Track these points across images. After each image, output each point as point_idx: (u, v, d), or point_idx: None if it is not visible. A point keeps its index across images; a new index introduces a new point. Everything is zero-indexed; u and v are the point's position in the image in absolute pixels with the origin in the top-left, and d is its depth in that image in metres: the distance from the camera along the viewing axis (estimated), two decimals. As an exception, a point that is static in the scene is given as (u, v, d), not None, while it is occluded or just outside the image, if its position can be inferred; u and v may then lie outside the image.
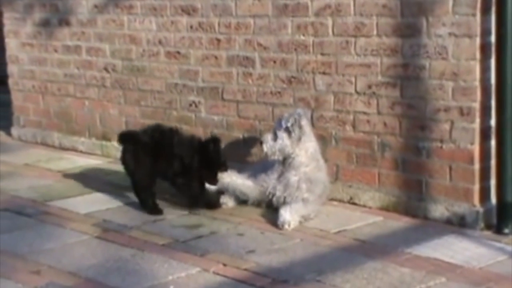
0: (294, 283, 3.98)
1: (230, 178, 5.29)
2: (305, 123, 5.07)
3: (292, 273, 4.12)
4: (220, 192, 5.37)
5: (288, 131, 5.01)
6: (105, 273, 4.21)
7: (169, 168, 5.27)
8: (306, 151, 5.07)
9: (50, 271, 4.26)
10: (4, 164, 6.80)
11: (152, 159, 5.27)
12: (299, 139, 5.03)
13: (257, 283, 4.00)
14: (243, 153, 5.90)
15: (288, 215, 4.88)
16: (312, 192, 5.02)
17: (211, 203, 5.31)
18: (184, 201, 5.34)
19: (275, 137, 5.08)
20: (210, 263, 4.31)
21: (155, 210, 5.25)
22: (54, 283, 4.08)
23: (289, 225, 4.86)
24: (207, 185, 5.33)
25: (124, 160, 5.41)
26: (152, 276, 4.14)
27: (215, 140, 5.30)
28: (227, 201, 5.32)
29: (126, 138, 5.47)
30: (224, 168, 5.27)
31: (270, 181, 5.16)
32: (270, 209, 5.14)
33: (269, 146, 5.10)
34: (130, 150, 5.35)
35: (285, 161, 5.10)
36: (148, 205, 5.28)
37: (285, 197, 5.05)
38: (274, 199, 5.12)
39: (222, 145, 5.63)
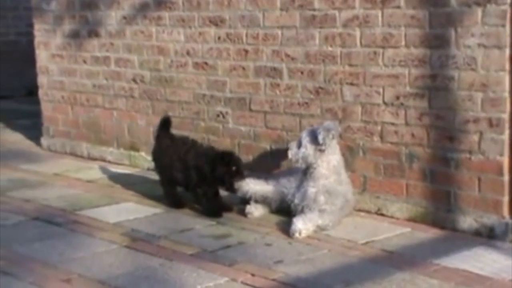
0: (322, 294, 3.99)
1: (248, 186, 5.32)
2: (335, 137, 5.08)
3: (320, 284, 4.12)
4: (246, 202, 5.39)
5: (316, 142, 5.03)
6: (134, 282, 4.23)
7: (188, 177, 5.46)
8: (328, 163, 5.07)
9: (80, 280, 4.29)
10: (34, 173, 6.87)
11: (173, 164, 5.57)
12: (321, 151, 5.04)
13: (285, 293, 4.02)
14: (270, 164, 5.91)
15: (301, 224, 4.89)
16: (331, 204, 5.02)
17: (224, 207, 5.43)
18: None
19: (300, 145, 5.11)
20: (238, 273, 4.32)
21: (176, 203, 5.56)
22: (84, 292, 4.12)
23: (300, 234, 4.87)
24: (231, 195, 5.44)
25: (156, 150, 5.80)
26: (181, 285, 4.16)
27: (229, 153, 5.42)
28: (253, 211, 5.33)
29: (167, 125, 5.82)
30: (241, 176, 5.32)
31: (290, 187, 5.19)
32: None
33: (293, 153, 5.15)
34: (164, 143, 5.70)
35: (307, 171, 5.12)
36: (170, 197, 5.61)
37: (302, 207, 5.06)
38: (292, 205, 5.15)
39: (250, 156, 5.68)
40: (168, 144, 5.69)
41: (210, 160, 5.33)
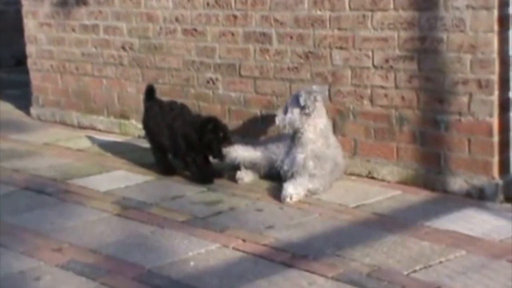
0: (314, 258, 4.00)
1: (237, 152, 5.32)
2: (319, 100, 5.07)
3: (311, 248, 4.13)
4: (236, 168, 5.38)
5: (301, 106, 5.02)
6: (125, 250, 4.24)
7: (176, 145, 5.47)
8: (314, 127, 5.06)
9: (72, 249, 4.30)
10: (23, 143, 6.85)
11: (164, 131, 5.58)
12: (307, 114, 5.03)
13: (277, 258, 4.02)
14: (260, 129, 5.90)
15: (291, 189, 4.90)
16: (320, 169, 5.02)
17: (215, 173, 5.44)
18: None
19: (286, 111, 5.11)
20: (229, 239, 4.33)
21: (167, 170, 5.59)
22: (75, 261, 4.12)
23: (291, 198, 4.88)
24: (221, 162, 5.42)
25: (145, 118, 5.82)
26: (172, 253, 4.16)
27: (214, 119, 5.40)
28: (243, 177, 5.33)
29: (151, 94, 5.86)
30: (228, 143, 5.31)
31: (279, 153, 5.20)
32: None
33: (280, 119, 5.15)
34: (152, 111, 5.72)
35: (295, 136, 5.12)
36: (161, 164, 5.63)
37: (292, 173, 5.06)
38: (282, 172, 5.15)
39: (240, 122, 5.65)
40: (156, 111, 5.69)
41: (196, 127, 5.33)
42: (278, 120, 5.17)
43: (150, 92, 5.87)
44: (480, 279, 3.67)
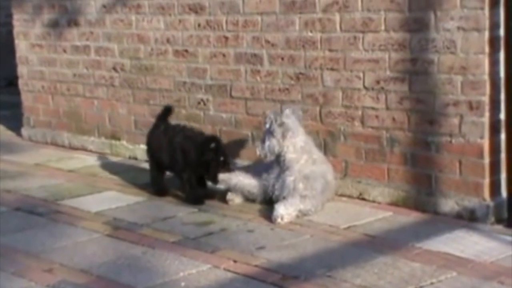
0: (305, 279, 3.99)
1: (237, 179, 5.31)
2: (288, 120, 5.07)
3: (302, 269, 4.12)
4: (227, 189, 5.38)
5: (270, 131, 5.05)
6: (116, 270, 4.22)
7: (174, 160, 5.45)
8: (294, 147, 5.08)
9: (63, 269, 4.28)
10: (15, 164, 6.83)
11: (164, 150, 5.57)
12: (284, 136, 5.04)
13: (268, 279, 4.01)
14: (252, 150, 5.90)
15: (282, 209, 4.91)
16: (311, 189, 5.02)
17: (207, 195, 5.43)
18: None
19: (264, 140, 5.15)
20: (220, 259, 4.32)
21: (160, 191, 5.59)
22: (66, 281, 4.10)
23: (282, 219, 4.88)
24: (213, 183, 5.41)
25: (149, 134, 5.82)
26: (163, 273, 4.15)
27: (215, 139, 5.38)
28: (234, 198, 5.34)
29: (166, 115, 5.80)
30: (227, 169, 5.30)
31: (270, 179, 5.20)
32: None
33: (260, 148, 5.20)
34: (157, 129, 5.71)
35: (279, 159, 5.13)
36: (155, 183, 5.65)
37: (284, 196, 5.05)
38: (274, 197, 5.15)
39: (231, 143, 5.65)
40: (161, 130, 5.69)
41: (198, 144, 5.31)
42: (258, 151, 5.21)
43: (166, 112, 5.81)
44: (471, 300, 3.67)
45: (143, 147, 6.68)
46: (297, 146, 5.09)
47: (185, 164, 5.37)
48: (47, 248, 4.63)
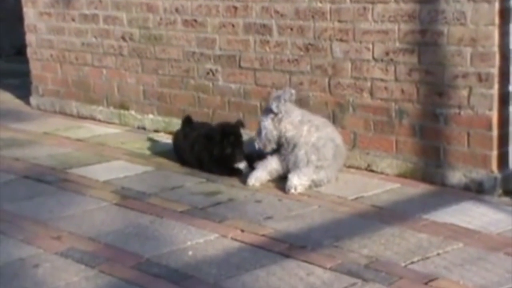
0: (312, 249, 4.01)
1: (271, 166, 5.14)
2: (275, 103, 5.01)
3: (309, 239, 4.14)
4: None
5: (271, 115, 5.01)
6: (124, 239, 4.25)
7: (195, 155, 5.45)
8: (291, 123, 5.02)
9: (71, 237, 4.31)
10: (23, 132, 6.85)
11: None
12: (279, 120, 5.01)
13: (275, 249, 4.03)
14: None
15: (296, 179, 4.90)
16: (324, 159, 5.00)
17: (234, 171, 5.33)
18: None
19: (260, 130, 5.11)
20: (228, 229, 4.34)
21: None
22: (74, 249, 4.13)
23: (295, 189, 4.87)
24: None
25: (175, 135, 5.79)
26: (171, 242, 4.17)
27: (235, 130, 5.35)
28: (254, 182, 5.12)
29: (187, 122, 5.76)
30: (240, 158, 5.29)
31: (286, 155, 5.12)
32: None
33: (258, 141, 5.14)
34: (184, 130, 5.67)
35: (281, 142, 5.06)
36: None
37: (298, 168, 5.01)
38: (289, 171, 5.07)
39: (240, 113, 5.63)
40: (187, 130, 5.64)
41: (215, 134, 5.32)
42: (257, 143, 5.15)
43: (186, 121, 5.79)
44: (477, 271, 3.68)
45: (152, 117, 6.73)
46: (294, 122, 5.04)
47: (209, 159, 5.36)
48: (55, 216, 4.65)
